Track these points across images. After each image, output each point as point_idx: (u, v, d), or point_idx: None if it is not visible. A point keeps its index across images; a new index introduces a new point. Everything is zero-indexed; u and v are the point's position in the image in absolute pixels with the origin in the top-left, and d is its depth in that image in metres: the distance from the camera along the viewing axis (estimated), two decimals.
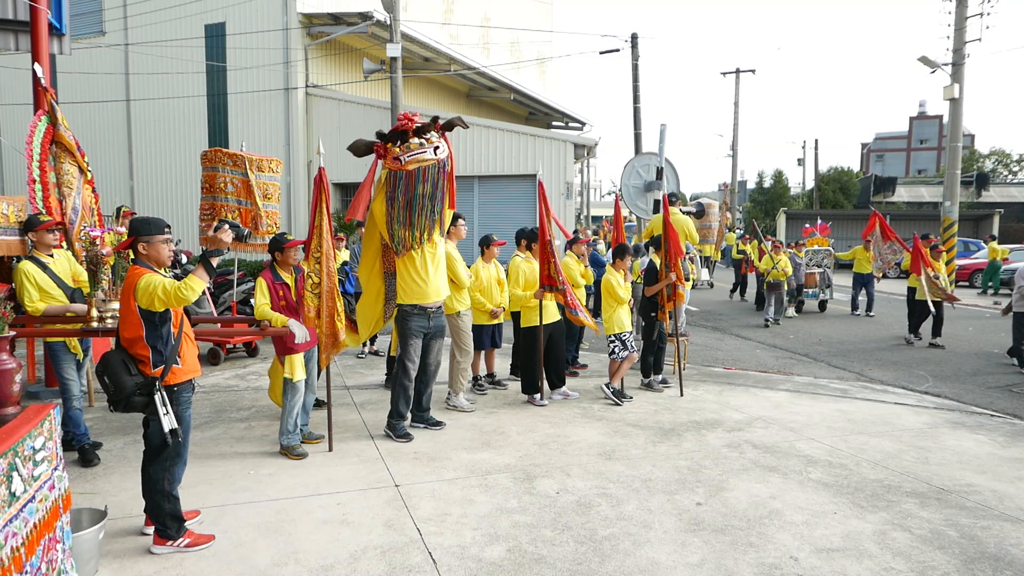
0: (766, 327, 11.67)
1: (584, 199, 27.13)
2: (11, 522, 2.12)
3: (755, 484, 4.47)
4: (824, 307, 14.09)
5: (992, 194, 37.06)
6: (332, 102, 16.24)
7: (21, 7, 7.14)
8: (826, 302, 14.10)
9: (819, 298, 13.99)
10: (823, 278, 13.96)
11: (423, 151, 4.98)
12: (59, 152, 5.54)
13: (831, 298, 14.18)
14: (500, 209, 15.36)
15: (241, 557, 3.45)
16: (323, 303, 4.84)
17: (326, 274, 4.84)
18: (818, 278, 13.88)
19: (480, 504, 4.12)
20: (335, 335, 4.92)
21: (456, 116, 5.27)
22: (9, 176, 19.35)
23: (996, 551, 3.59)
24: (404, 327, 5.37)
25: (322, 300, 4.84)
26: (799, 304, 13.67)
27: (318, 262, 4.84)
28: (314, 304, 4.84)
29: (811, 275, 13.83)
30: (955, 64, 16.86)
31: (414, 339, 5.37)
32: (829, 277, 14.07)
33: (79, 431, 4.78)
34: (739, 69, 30.86)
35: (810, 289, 13.86)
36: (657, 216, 9.26)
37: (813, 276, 13.85)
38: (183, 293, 3.27)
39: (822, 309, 14.06)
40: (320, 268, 4.83)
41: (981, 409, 6.66)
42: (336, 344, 4.95)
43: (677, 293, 6.94)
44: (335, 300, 4.90)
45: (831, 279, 14.16)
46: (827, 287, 14.03)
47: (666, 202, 7.17)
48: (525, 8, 25.12)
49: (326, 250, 4.85)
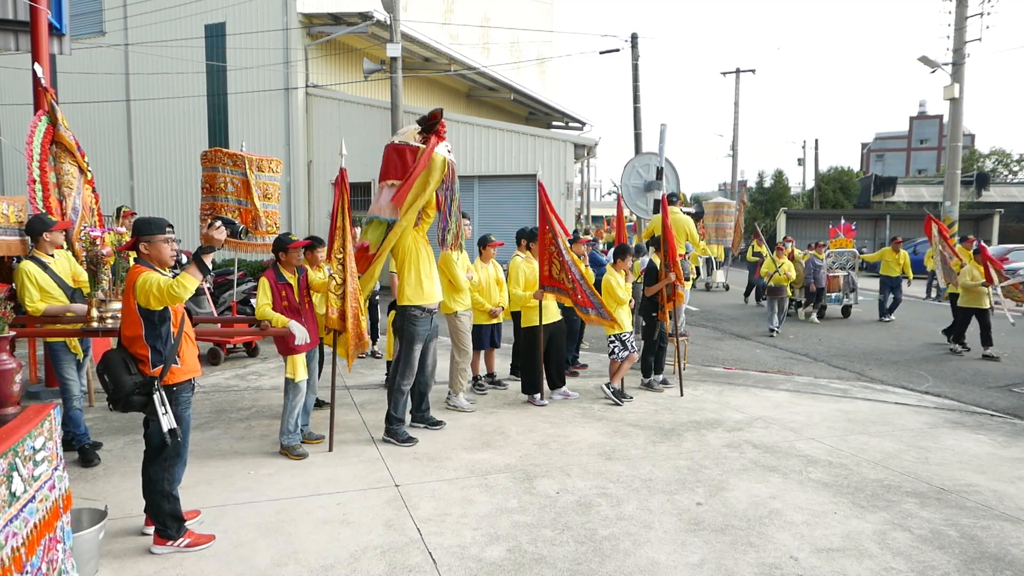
0: (771, 336, 10.93)
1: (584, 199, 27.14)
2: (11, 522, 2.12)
3: (755, 484, 4.47)
4: (848, 312, 13.35)
5: (992, 194, 37.04)
6: (332, 102, 16.25)
7: (21, 7, 7.14)
8: (850, 307, 13.31)
9: (842, 303, 13.16)
10: (847, 281, 13.09)
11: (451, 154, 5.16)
12: (59, 152, 5.54)
13: (856, 303, 13.39)
14: (500, 209, 15.37)
15: (241, 557, 3.45)
16: (347, 304, 4.79)
17: (349, 275, 4.80)
18: (842, 281, 13.02)
19: (480, 504, 4.12)
20: (360, 335, 4.89)
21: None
22: (9, 176, 19.36)
23: (996, 551, 3.59)
24: (411, 331, 5.26)
25: (346, 301, 4.79)
26: (821, 309, 12.91)
27: (341, 263, 4.80)
28: (337, 305, 4.79)
29: (834, 278, 12.97)
30: (955, 64, 16.86)
31: (420, 343, 5.33)
32: (854, 281, 13.21)
33: (79, 431, 4.78)
34: (739, 69, 30.89)
35: (833, 293, 12.99)
36: (657, 216, 9.27)
37: (837, 279, 12.99)
38: (175, 291, 3.27)
39: (845, 315, 13.32)
40: (343, 269, 4.79)
41: (981, 409, 6.66)
42: (361, 344, 4.93)
43: (676, 293, 6.95)
44: (359, 301, 4.88)
45: (856, 283, 13.32)
46: (851, 291, 13.16)
47: (665, 202, 7.18)
48: (525, 8, 25.13)
49: (349, 251, 4.81)
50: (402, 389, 5.33)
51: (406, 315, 5.27)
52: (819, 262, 12.66)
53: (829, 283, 12.86)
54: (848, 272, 13.17)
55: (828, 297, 12.90)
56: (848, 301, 13.15)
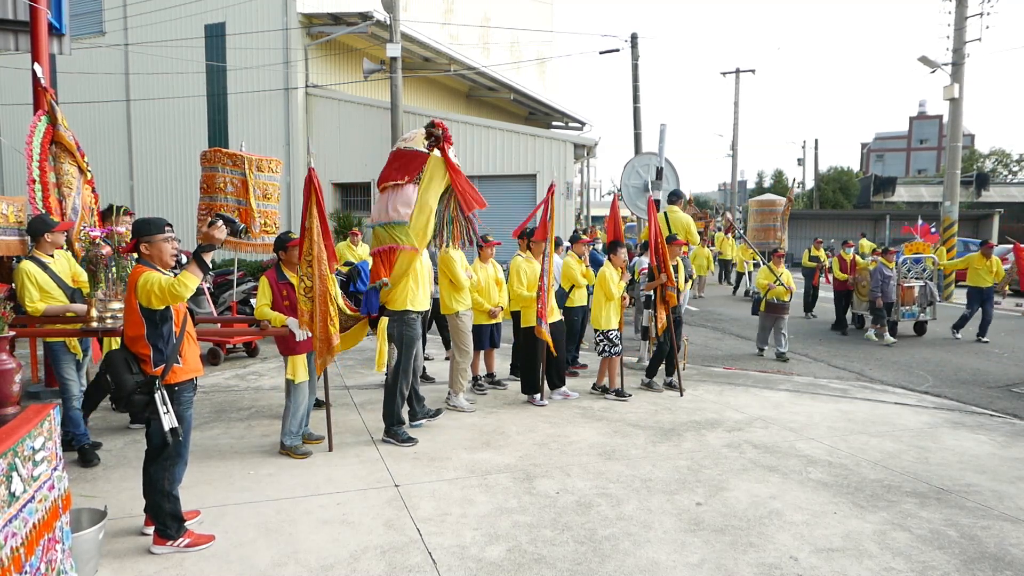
0: (759, 354, 9.35)
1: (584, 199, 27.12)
2: (11, 522, 2.12)
3: (755, 484, 4.47)
4: (923, 330, 11.27)
5: (992, 194, 37.07)
6: (332, 102, 16.24)
7: (21, 7, 7.14)
8: (925, 323, 11.24)
9: (916, 318, 11.11)
10: (924, 293, 11.09)
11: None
12: (59, 152, 5.54)
13: (933, 318, 11.24)
14: (500, 209, 15.34)
15: (241, 557, 3.45)
16: (316, 307, 4.67)
17: (318, 278, 4.66)
18: (916, 293, 11.02)
19: (480, 504, 4.11)
20: (328, 340, 4.72)
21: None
22: (9, 176, 19.34)
23: (996, 551, 3.59)
24: (409, 334, 5.31)
25: (315, 304, 4.66)
26: (892, 325, 10.84)
27: (310, 265, 4.67)
28: (307, 308, 4.68)
29: (908, 289, 10.92)
30: (955, 64, 16.85)
31: (414, 345, 5.38)
32: (932, 292, 11.18)
33: (79, 431, 4.78)
34: (739, 69, 30.88)
35: (906, 307, 10.94)
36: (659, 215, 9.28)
37: (911, 290, 10.95)
38: (176, 289, 3.28)
39: (920, 332, 11.26)
40: (312, 272, 4.66)
41: (981, 409, 6.66)
42: (330, 349, 4.74)
43: (668, 294, 6.94)
44: (328, 304, 4.71)
45: (935, 294, 11.29)
46: (928, 304, 11.13)
47: (651, 205, 7.28)
48: (525, 8, 25.12)
49: (317, 253, 4.66)
50: (402, 392, 5.35)
51: (404, 319, 5.29)
52: (888, 271, 10.69)
53: (903, 295, 10.89)
54: (926, 282, 11.19)
55: (901, 312, 10.94)
56: (925, 316, 11.18)
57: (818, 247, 14.22)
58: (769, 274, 9.17)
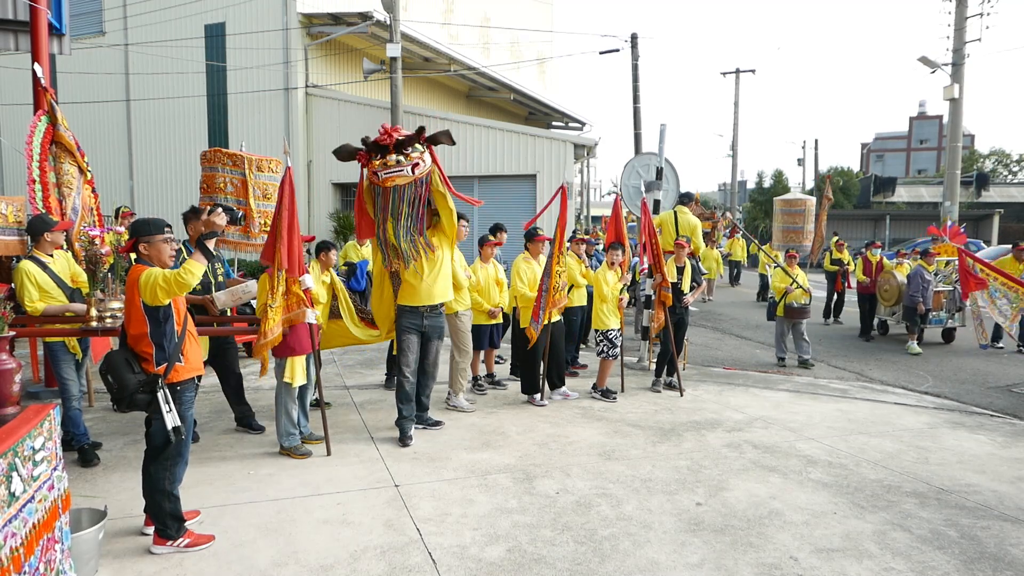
0: (781, 366, 8.68)
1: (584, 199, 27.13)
2: (10, 522, 2.12)
3: (755, 484, 4.47)
4: (951, 337, 10.63)
5: (992, 194, 37.02)
6: (332, 102, 16.25)
7: (21, 7, 7.14)
8: (954, 330, 10.61)
9: (943, 325, 10.48)
10: (952, 298, 10.41)
11: (400, 170, 4.77)
12: (59, 152, 5.54)
13: (962, 324, 10.60)
14: (500, 209, 15.35)
15: (241, 557, 3.45)
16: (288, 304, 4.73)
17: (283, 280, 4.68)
18: (944, 299, 10.38)
19: (480, 504, 4.11)
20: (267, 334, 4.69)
21: (444, 131, 5.05)
22: (9, 176, 19.35)
23: (996, 551, 3.59)
24: (397, 324, 5.39)
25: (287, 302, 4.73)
26: (920, 333, 10.07)
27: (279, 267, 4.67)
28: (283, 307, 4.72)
29: (937, 294, 10.23)
30: (955, 64, 16.85)
31: (405, 335, 5.36)
32: (959, 297, 10.18)
33: (79, 431, 4.77)
34: (739, 69, 30.87)
35: (934, 313, 10.24)
36: (658, 215, 9.28)
37: (940, 296, 10.28)
38: (183, 277, 3.26)
39: (947, 339, 10.62)
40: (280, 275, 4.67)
41: (981, 409, 6.66)
42: (263, 344, 4.72)
43: (663, 294, 6.94)
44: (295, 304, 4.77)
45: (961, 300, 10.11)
46: (957, 310, 10.51)
47: (645, 207, 7.36)
48: (525, 8, 25.13)
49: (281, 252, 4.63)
50: (399, 381, 5.34)
51: (397, 310, 5.37)
52: (929, 276, 9.86)
53: (933, 300, 10.12)
54: (954, 287, 10.31)
55: (931, 318, 10.26)
56: (954, 323, 10.56)
57: (841, 248, 12.92)
58: (784, 276, 8.62)
